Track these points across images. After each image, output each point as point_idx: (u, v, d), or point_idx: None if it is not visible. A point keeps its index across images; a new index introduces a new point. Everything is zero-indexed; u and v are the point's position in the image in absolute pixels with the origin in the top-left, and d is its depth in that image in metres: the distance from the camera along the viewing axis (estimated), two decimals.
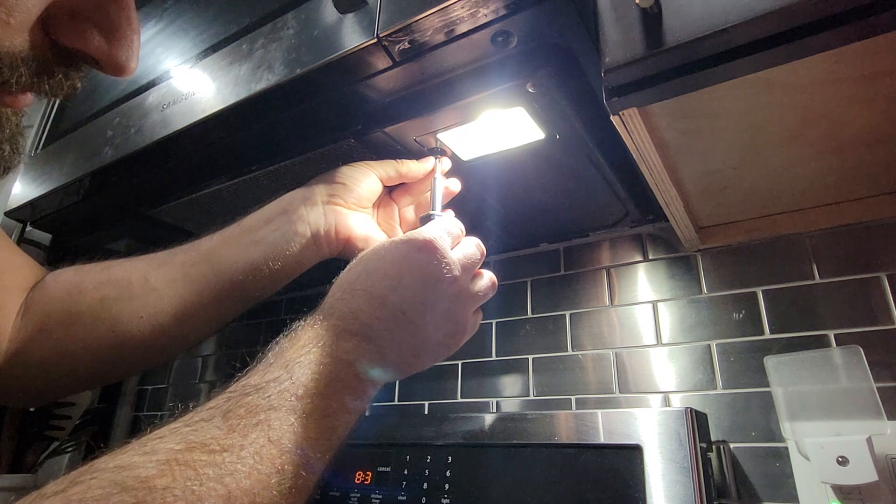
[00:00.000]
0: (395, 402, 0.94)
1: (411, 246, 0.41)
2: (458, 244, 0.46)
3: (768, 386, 0.64)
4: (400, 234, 0.56)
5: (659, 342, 0.75)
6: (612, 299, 0.81)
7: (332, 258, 0.55)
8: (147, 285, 0.49)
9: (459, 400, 0.88)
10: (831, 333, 0.65)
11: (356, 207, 0.54)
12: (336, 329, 0.37)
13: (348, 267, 0.43)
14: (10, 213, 0.82)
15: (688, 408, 0.58)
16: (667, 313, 0.76)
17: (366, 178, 0.54)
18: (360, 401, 0.37)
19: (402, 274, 0.40)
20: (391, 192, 0.60)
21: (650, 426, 0.58)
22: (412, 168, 0.56)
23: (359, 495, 0.72)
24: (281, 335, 0.38)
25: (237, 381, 0.34)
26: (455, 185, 0.58)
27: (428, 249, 0.41)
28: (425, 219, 0.52)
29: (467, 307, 0.44)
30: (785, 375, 0.62)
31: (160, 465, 0.26)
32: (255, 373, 0.34)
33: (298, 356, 0.35)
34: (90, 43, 0.25)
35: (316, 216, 0.51)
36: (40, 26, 0.24)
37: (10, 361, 0.48)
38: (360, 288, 0.39)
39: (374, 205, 0.58)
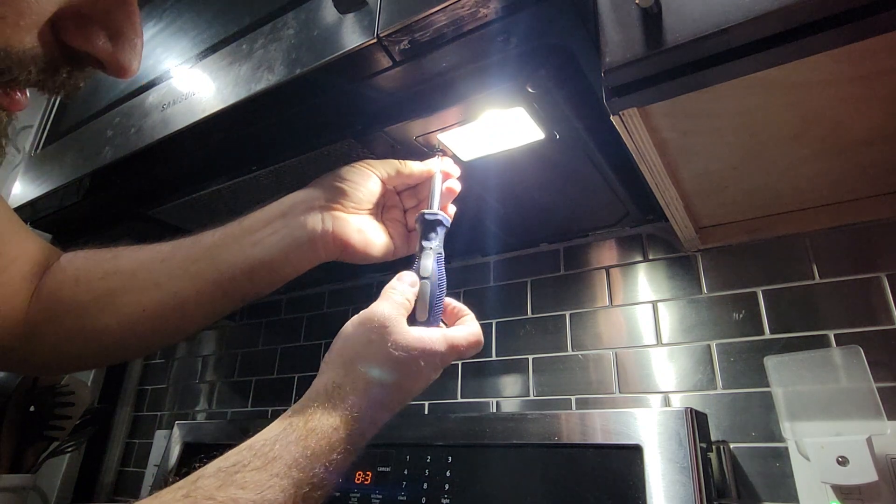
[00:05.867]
0: None
1: (421, 352, 0.44)
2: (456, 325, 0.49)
3: (768, 386, 0.64)
4: (403, 235, 0.56)
5: (659, 342, 0.75)
6: (612, 299, 0.81)
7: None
8: (150, 279, 0.51)
9: (459, 400, 0.88)
10: (831, 333, 0.65)
11: (355, 211, 0.53)
12: (343, 424, 0.40)
13: (359, 345, 0.44)
14: None
15: (688, 408, 0.58)
16: (667, 313, 0.76)
17: (366, 181, 0.54)
18: (343, 472, 0.40)
19: (411, 373, 0.44)
20: (400, 192, 0.58)
21: (650, 426, 0.58)
22: (414, 169, 0.55)
23: (359, 495, 0.72)
24: (290, 413, 0.40)
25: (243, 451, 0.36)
26: (457, 186, 0.57)
27: (431, 356, 0.45)
28: (422, 218, 0.51)
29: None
30: (785, 375, 0.62)
31: None
32: (258, 455, 0.36)
33: (302, 450, 0.37)
34: (96, 45, 0.26)
35: (314, 222, 0.51)
36: (49, 27, 0.25)
37: (21, 342, 0.50)
38: (376, 382, 0.43)
39: (378, 203, 0.56)
